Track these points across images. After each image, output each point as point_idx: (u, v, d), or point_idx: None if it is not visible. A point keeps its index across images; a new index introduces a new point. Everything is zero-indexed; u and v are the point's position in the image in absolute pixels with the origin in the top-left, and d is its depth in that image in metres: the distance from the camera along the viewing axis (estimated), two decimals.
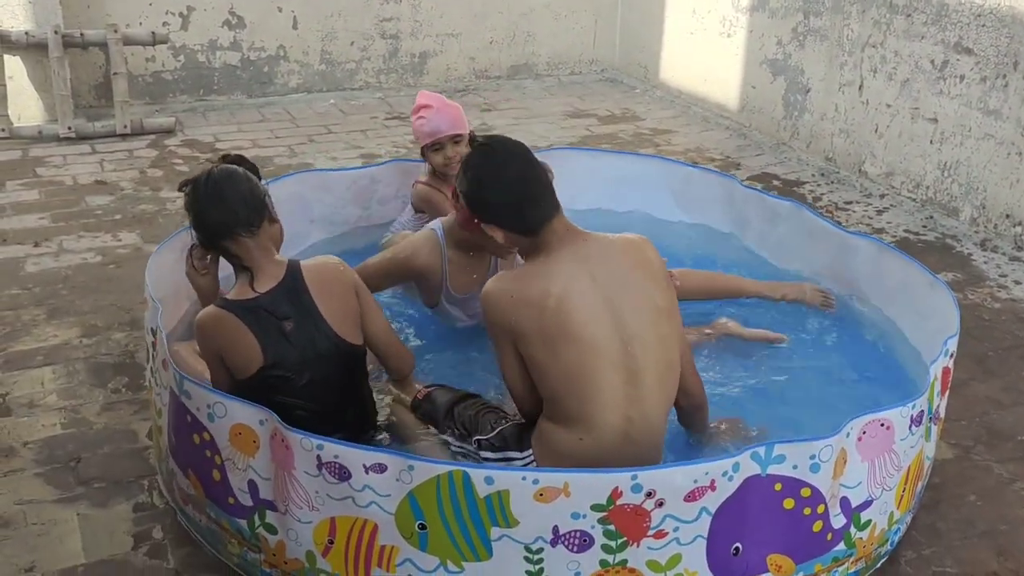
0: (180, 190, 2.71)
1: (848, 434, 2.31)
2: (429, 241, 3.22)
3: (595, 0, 7.15)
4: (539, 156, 4.21)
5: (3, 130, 5.39)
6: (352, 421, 2.69)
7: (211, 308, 2.58)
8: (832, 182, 5.38)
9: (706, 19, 6.36)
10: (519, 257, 2.90)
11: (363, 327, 2.72)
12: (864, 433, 2.35)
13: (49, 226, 4.48)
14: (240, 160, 2.74)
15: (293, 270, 2.62)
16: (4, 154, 5.28)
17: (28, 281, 3.98)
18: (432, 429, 2.74)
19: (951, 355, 2.75)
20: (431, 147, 3.64)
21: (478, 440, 2.61)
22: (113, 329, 3.64)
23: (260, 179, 2.73)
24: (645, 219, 4.15)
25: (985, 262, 4.45)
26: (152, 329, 2.82)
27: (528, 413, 2.57)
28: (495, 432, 2.60)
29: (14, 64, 5.50)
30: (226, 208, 2.55)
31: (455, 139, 3.62)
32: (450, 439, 2.69)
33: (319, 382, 2.59)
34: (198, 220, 2.63)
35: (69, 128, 5.46)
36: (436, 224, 3.25)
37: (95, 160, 5.28)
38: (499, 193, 2.49)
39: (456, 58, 6.87)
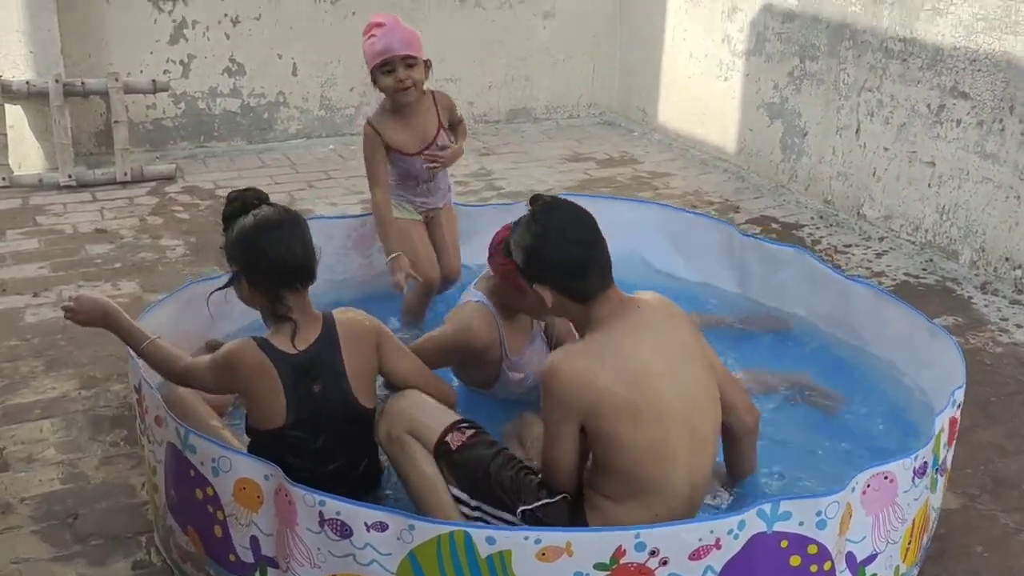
0: (223, 219, 2.63)
1: (853, 488, 2.29)
2: (483, 315, 3.08)
3: (593, 44, 7.21)
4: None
5: (3, 179, 5.40)
6: (358, 478, 2.66)
7: (253, 347, 2.49)
8: (831, 225, 5.39)
9: (703, 63, 6.41)
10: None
11: (393, 371, 2.68)
12: (868, 487, 2.33)
13: (49, 275, 4.48)
14: (255, 193, 2.66)
15: (328, 326, 2.58)
16: (4, 203, 5.29)
17: (27, 332, 3.97)
18: (455, 490, 2.52)
19: (958, 406, 2.73)
20: (381, 67, 3.46)
21: (523, 511, 2.45)
22: (112, 380, 3.63)
23: None
24: (643, 266, 4.15)
25: (986, 305, 4.44)
26: (136, 387, 2.78)
27: (568, 489, 2.46)
28: (540, 504, 2.45)
29: (15, 113, 5.53)
30: (297, 257, 2.51)
31: (408, 61, 3.44)
32: (486, 510, 2.49)
33: (332, 444, 2.57)
34: (265, 268, 2.51)
35: (69, 176, 5.47)
36: (478, 295, 3.12)
37: (95, 208, 5.29)
38: (561, 253, 2.39)
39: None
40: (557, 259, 2.39)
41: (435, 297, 3.91)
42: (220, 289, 2.72)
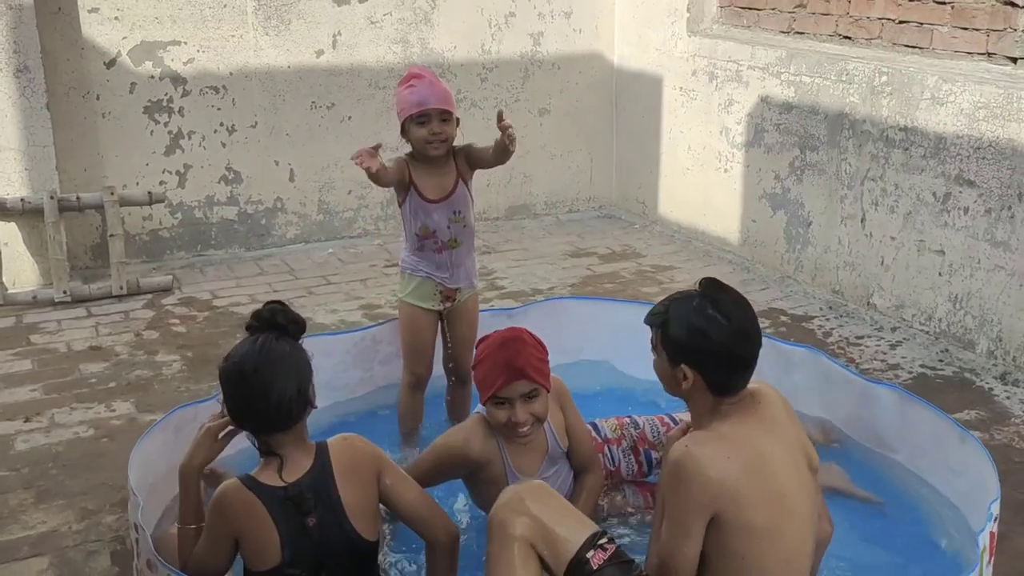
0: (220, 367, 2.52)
1: None
2: (478, 425, 2.99)
3: (589, 139, 7.21)
4: (539, 307, 4.15)
5: None
6: None
7: (239, 486, 2.41)
8: (841, 316, 5.28)
9: (701, 155, 6.39)
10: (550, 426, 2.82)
11: (395, 501, 2.55)
12: None
13: (41, 398, 4.35)
14: (284, 316, 2.51)
15: (322, 457, 2.47)
16: None
17: (17, 461, 3.83)
18: None
19: (995, 519, 2.59)
20: (416, 118, 3.38)
21: None
22: (104, 512, 3.47)
23: (303, 333, 2.57)
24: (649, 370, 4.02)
25: (1007, 397, 4.30)
26: (136, 524, 2.68)
27: None
28: None
29: (9, 230, 5.47)
30: (270, 407, 2.39)
31: (443, 116, 3.38)
32: None
33: None
34: (235, 410, 2.46)
35: (64, 292, 5.39)
36: (482, 408, 3.01)
37: (90, 324, 5.19)
38: (733, 348, 2.35)
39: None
40: (726, 352, 2.35)
41: (449, 396, 3.85)
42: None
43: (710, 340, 2.35)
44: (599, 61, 7.12)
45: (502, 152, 3.50)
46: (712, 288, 2.47)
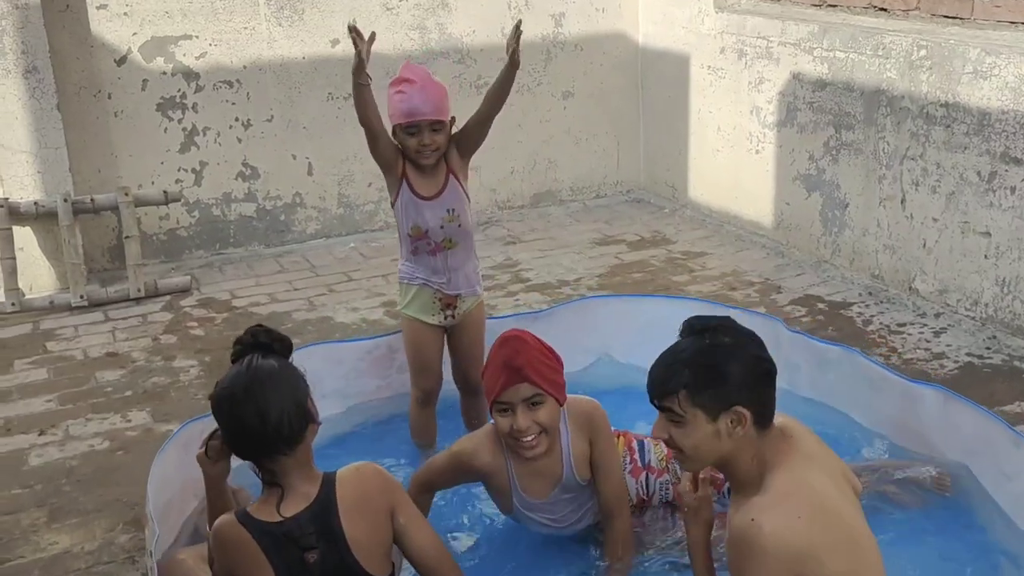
0: (210, 398, 2.38)
1: None
2: (489, 436, 2.88)
3: (616, 122, 6.99)
4: (567, 308, 3.97)
5: (13, 304, 5.23)
6: None
7: (232, 523, 2.30)
8: (881, 302, 5.05)
9: (731, 136, 6.16)
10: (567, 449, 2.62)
11: (405, 542, 2.41)
12: None
13: (56, 410, 4.25)
14: (266, 336, 2.39)
15: (327, 488, 2.32)
16: (15, 329, 5.11)
17: (31, 477, 3.73)
18: None
19: None
20: (405, 128, 3.26)
21: None
22: (116, 531, 3.36)
23: (291, 352, 2.43)
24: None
25: None
26: (151, 552, 2.58)
27: None
28: None
29: (24, 235, 5.38)
30: (268, 428, 2.24)
31: (434, 126, 3.25)
32: None
33: None
34: (233, 438, 2.34)
35: (81, 296, 5.29)
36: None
37: (107, 329, 5.09)
38: (756, 362, 2.21)
39: (476, 190, 6.65)
40: (756, 365, 2.21)
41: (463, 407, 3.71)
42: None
43: (743, 368, 2.19)
44: (623, 41, 6.90)
45: (504, 81, 3.30)
46: (693, 327, 2.28)
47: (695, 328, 2.27)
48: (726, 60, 6.10)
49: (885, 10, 5.36)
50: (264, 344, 2.35)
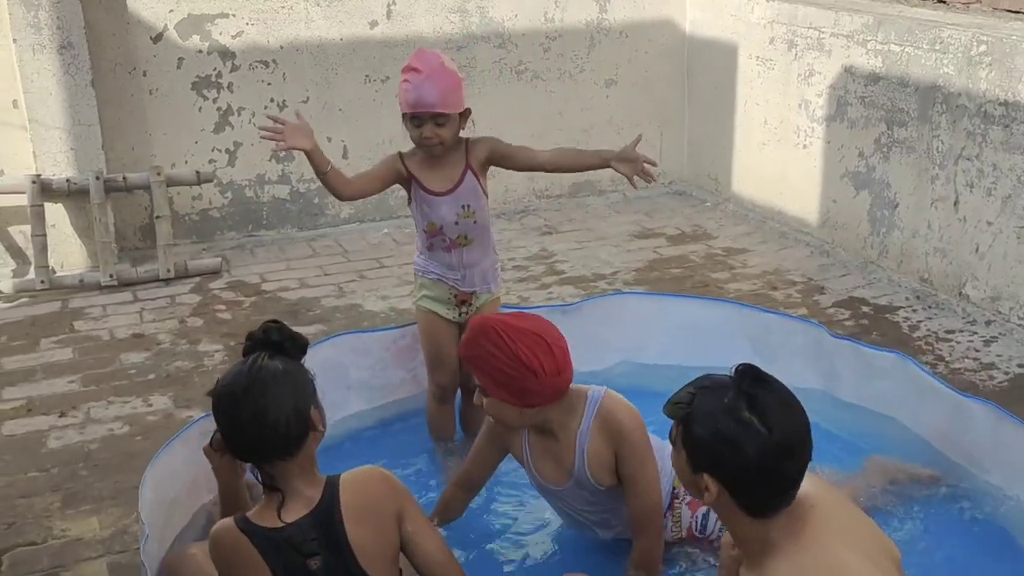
0: (209, 394, 2.31)
1: None
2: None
3: (659, 112, 6.82)
4: (597, 303, 3.84)
5: (43, 281, 5.19)
6: None
7: (230, 528, 2.21)
8: (929, 307, 4.85)
9: (778, 129, 5.96)
10: None
11: (411, 551, 2.31)
12: None
13: (78, 391, 4.20)
14: (279, 334, 2.29)
15: (330, 493, 2.23)
16: (44, 307, 5.07)
17: (48, 460, 3.67)
18: None
19: None
20: (410, 118, 3.20)
21: None
22: (129, 520, 3.29)
23: (305, 352, 2.34)
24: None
25: None
26: (142, 550, 2.53)
27: None
28: None
29: (56, 211, 5.34)
30: (265, 431, 2.15)
31: (438, 120, 3.17)
32: None
33: None
34: (228, 439, 2.26)
35: (111, 276, 5.24)
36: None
37: (135, 310, 5.04)
38: (766, 456, 1.87)
39: (514, 178, 6.52)
40: (762, 469, 1.88)
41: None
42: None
43: (742, 453, 1.87)
44: (670, 28, 6.71)
45: (580, 166, 3.55)
46: (750, 381, 1.94)
47: (742, 381, 1.95)
48: (775, 51, 5.90)
49: (944, 2, 5.14)
50: (275, 343, 2.26)
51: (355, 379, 3.63)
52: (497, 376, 2.61)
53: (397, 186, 3.44)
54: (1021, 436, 2.88)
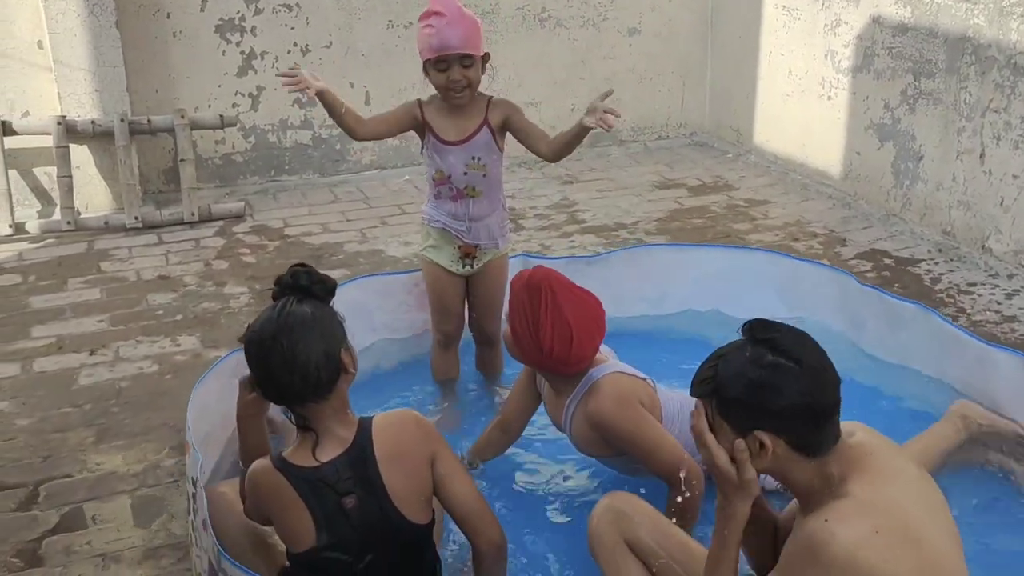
0: (240, 340, 2.32)
1: None
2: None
3: (682, 62, 6.77)
4: (620, 255, 3.86)
5: (69, 222, 5.23)
6: None
7: (268, 469, 2.25)
8: (951, 259, 4.85)
9: (803, 80, 5.92)
10: None
11: (443, 494, 2.34)
12: None
13: (107, 330, 4.26)
14: (307, 278, 2.28)
15: (363, 434, 2.26)
16: (70, 248, 5.12)
17: (80, 396, 3.74)
18: None
19: None
20: (435, 63, 3.15)
21: None
22: (162, 455, 3.36)
23: (333, 295, 2.35)
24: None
25: None
26: (192, 479, 2.54)
27: None
28: None
29: (81, 153, 5.37)
30: (295, 376, 2.16)
31: (465, 61, 3.14)
32: None
33: (380, 566, 2.24)
34: (261, 383, 2.27)
35: (136, 218, 5.28)
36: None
37: (160, 252, 5.08)
38: (806, 387, 1.92)
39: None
40: (807, 403, 1.91)
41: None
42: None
43: (783, 393, 1.91)
44: None
45: (571, 144, 3.24)
46: (763, 330, 2.00)
47: (756, 331, 2.00)
48: (802, 0, 5.84)
49: None
50: (303, 287, 2.26)
51: (379, 321, 3.68)
52: (516, 323, 2.77)
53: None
54: None
